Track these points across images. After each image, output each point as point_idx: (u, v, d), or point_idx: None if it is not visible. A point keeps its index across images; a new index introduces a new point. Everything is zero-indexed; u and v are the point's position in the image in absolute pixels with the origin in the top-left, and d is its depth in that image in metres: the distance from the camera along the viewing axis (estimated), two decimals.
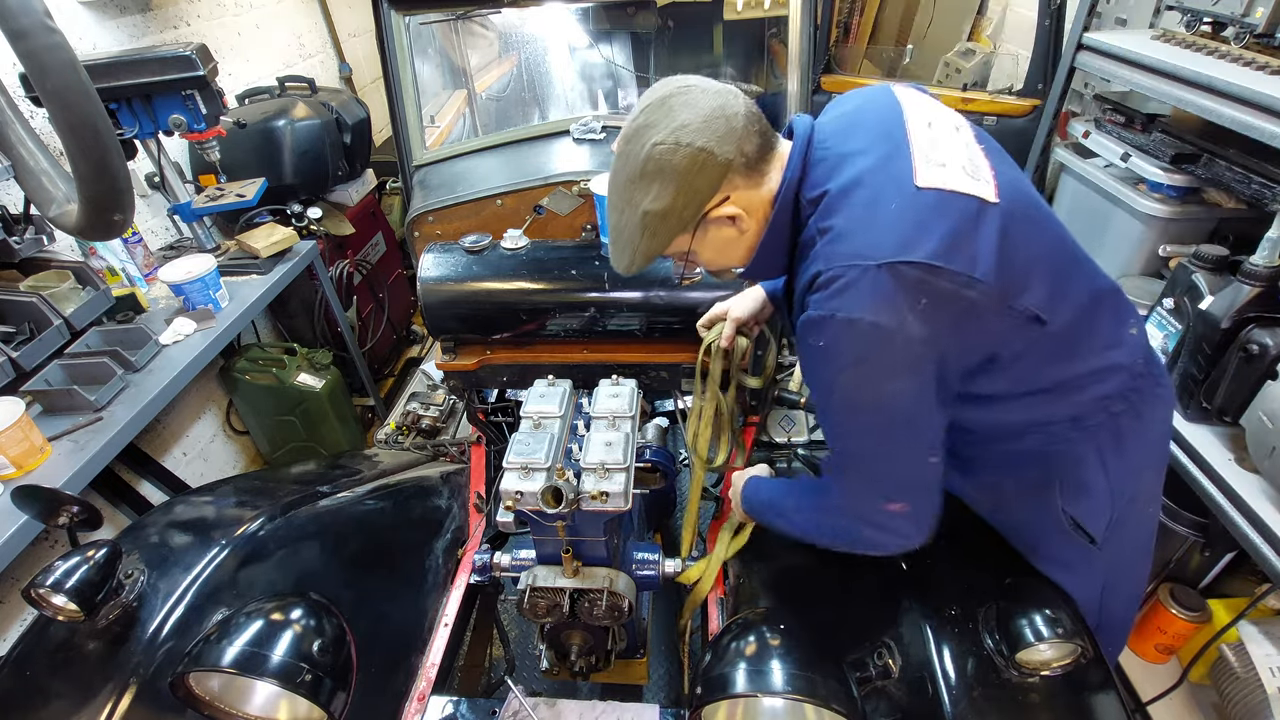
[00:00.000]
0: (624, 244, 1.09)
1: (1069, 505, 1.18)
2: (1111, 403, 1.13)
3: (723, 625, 1.40)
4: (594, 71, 3.38)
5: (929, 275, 0.92)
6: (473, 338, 1.68)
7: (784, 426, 2.25)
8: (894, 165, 0.99)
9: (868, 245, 0.95)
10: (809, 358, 1.05)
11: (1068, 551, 1.22)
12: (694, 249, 1.11)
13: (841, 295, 0.95)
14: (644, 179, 1.01)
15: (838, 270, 0.95)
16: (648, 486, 1.67)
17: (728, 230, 1.09)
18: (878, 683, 1.07)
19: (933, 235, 0.93)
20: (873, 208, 0.98)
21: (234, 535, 1.28)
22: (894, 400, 1.01)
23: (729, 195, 1.04)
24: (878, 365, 0.98)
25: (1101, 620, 1.30)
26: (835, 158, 1.04)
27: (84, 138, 1.31)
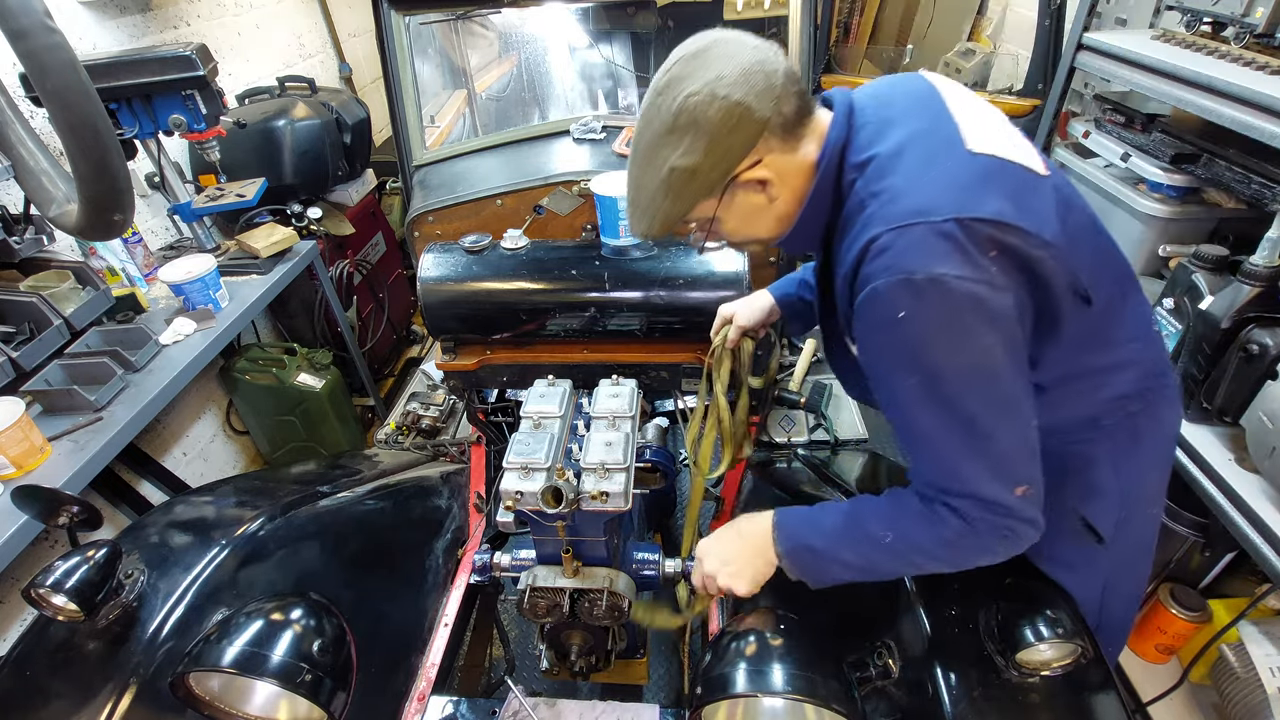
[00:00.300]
0: (644, 206, 1.02)
1: (1080, 505, 1.17)
2: (1129, 402, 1.12)
3: (723, 625, 1.40)
4: (594, 71, 3.39)
5: (1000, 232, 0.87)
6: (473, 338, 1.68)
7: (784, 426, 2.25)
8: (942, 131, 0.95)
9: (929, 202, 0.88)
10: (885, 337, 0.93)
11: (1072, 551, 1.22)
12: (719, 216, 1.04)
13: (909, 255, 0.87)
14: (673, 133, 0.94)
15: (898, 230, 0.88)
16: (648, 486, 1.67)
17: (756, 197, 1.02)
18: (878, 683, 1.07)
19: (996, 194, 0.88)
20: (928, 167, 0.92)
21: (234, 535, 1.28)
22: (996, 359, 0.91)
23: (761, 158, 0.97)
24: (973, 322, 0.88)
25: (1102, 620, 1.30)
26: (878, 123, 0.98)
27: (84, 138, 1.31)
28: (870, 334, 0.96)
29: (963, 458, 0.95)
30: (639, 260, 1.55)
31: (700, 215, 1.03)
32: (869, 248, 0.90)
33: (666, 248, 1.57)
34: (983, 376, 0.92)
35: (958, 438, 0.95)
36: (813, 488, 1.73)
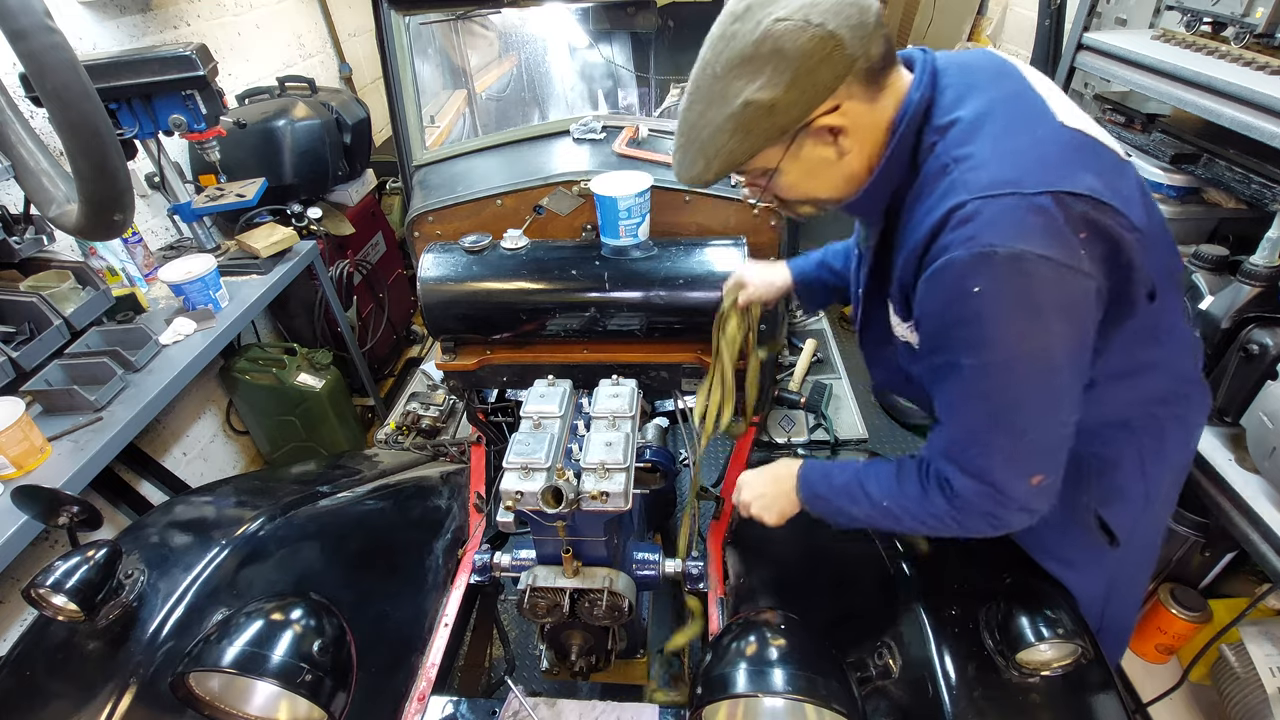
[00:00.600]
0: (700, 147, 0.93)
1: (1100, 505, 1.16)
2: (1160, 405, 1.10)
3: (723, 625, 1.40)
4: (594, 71, 3.38)
5: (1093, 210, 0.82)
6: (473, 338, 1.68)
7: (784, 426, 2.25)
8: (1029, 100, 0.90)
9: (1020, 172, 0.83)
10: (953, 312, 0.88)
11: (1081, 551, 1.21)
12: (781, 167, 0.95)
13: (995, 227, 0.81)
14: (752, 62, 0.85)
15: (986, 199, 0.82)
16: (648, 486, 1.67)
17: (826, 150, 0.93)
18: (878, 683, 1.07)
19: (1089, 170, 0.84)
20: (1017, 135, 0.86)
21: (234, 535, 1.28)
22: (1060, 350, 0.88)
23: (840, 104, 0.88)
24: (1049, 307, 0.85)
25: (1104, 622, 1.29)
26: (962, 86, 0.92)
27: (84, 138, 1.31)
28: (937, 306, 0.91)
29: (990, 441, 0.94)
30: (639, 260, 1.55)
31: (762, 164, 0.95)
32: (950, 215, 0.85)
33: (666, 247, 1.57)
34: (1042, 367, 0.89)
35: (995, 421, 0.93)
36: None
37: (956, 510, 0.99)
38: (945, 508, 1.00)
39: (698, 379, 1.65)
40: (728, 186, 1.68)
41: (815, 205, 1.05)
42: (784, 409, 2.35)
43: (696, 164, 0.95)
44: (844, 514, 1.12)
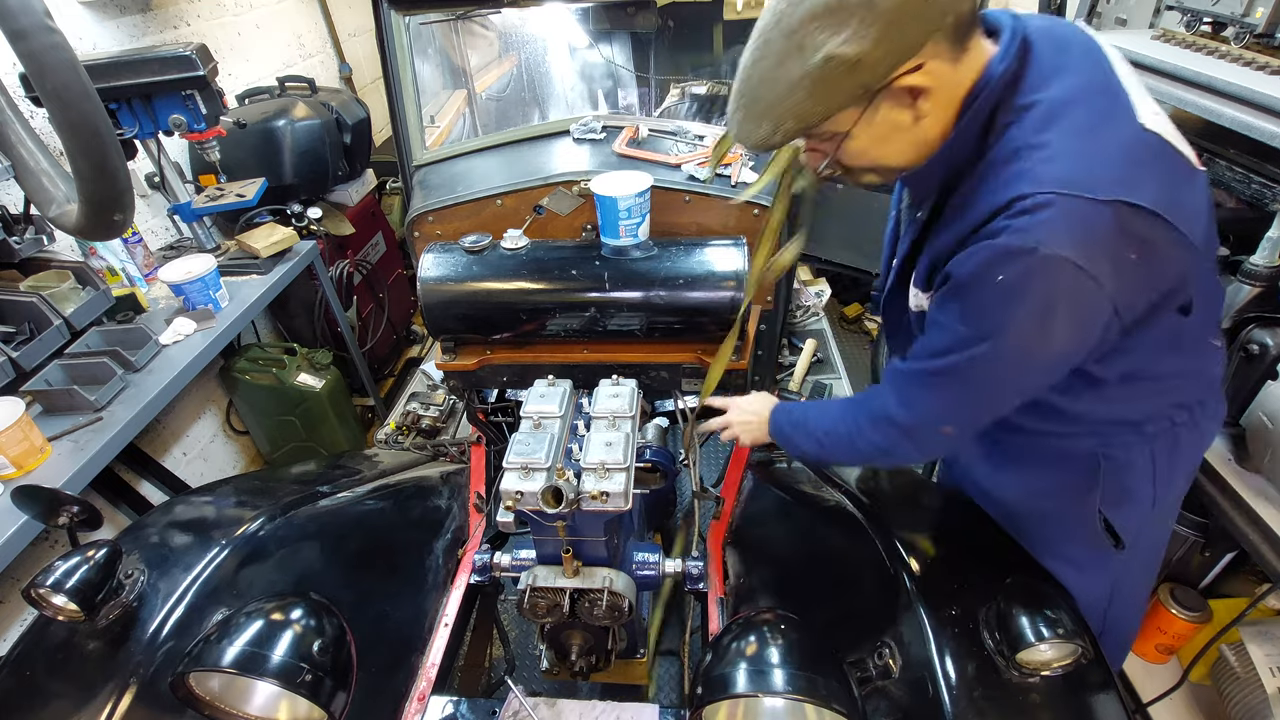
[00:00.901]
0: (767, 107, 0.87)
1: (1108, 508, 1.16)
2: (1178, 412, 1.11)
3: (723, 625, 1.40)
4: (594, 71, 3.38)
5: (1151, 225, 0.81)
6: (473, 338, 1.68)
7: None
8: (1112, 95, 0.88)
9: (1089, 174, 0.81)
10: (979, 290, 0.89)
11: (1086, 552, 1.21)
12: (854, 131, 0.89)
13: (1050, 227, 0.81)
14: (837, 13, 0.78)
15: (1051, 197, 0.80)
16: (648, 486, 1.67)
17: (902, 114, 0.88)
18: (878, 683, 1.07)
19: (1159, 181, 0.83)
20: (1094, 134, 0.84)
21: (234, 535, 1.28)
22: (1051, 348, 0.91)
23: (924, 63, 0.83)
24: (1063, 313, 0.86)
25: (1107, 626, 1.29)
26: (1051, 65, 0.88)
27: (84, 138, 1.31)
28: (962, 274, 0.90)
29: (941, 385, 1.02)
30: (639, 260, 1.55)
31: (834, 127, 0.89)
32: (1013, 204, 0.83)
33: (666, 247, 1.57)
34: (1024, 362, 0.93)
35: (954, 374, 0.99)
36: (813, 487, 1.72)
37: (894, 428, 1.09)
38: (886, 431, 1.10)
39: (698, 379, 1.65)
40: (727, 187, 1.68)
41: (880, 174, 1.01)
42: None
43: (761, 127, 0.88)
44: (796, 448, 1.31)
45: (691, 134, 1.93)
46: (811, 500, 1.68)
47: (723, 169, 1.73)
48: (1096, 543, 1.20)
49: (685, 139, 1.90)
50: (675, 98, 2.89)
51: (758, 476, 1.88)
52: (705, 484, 1.75)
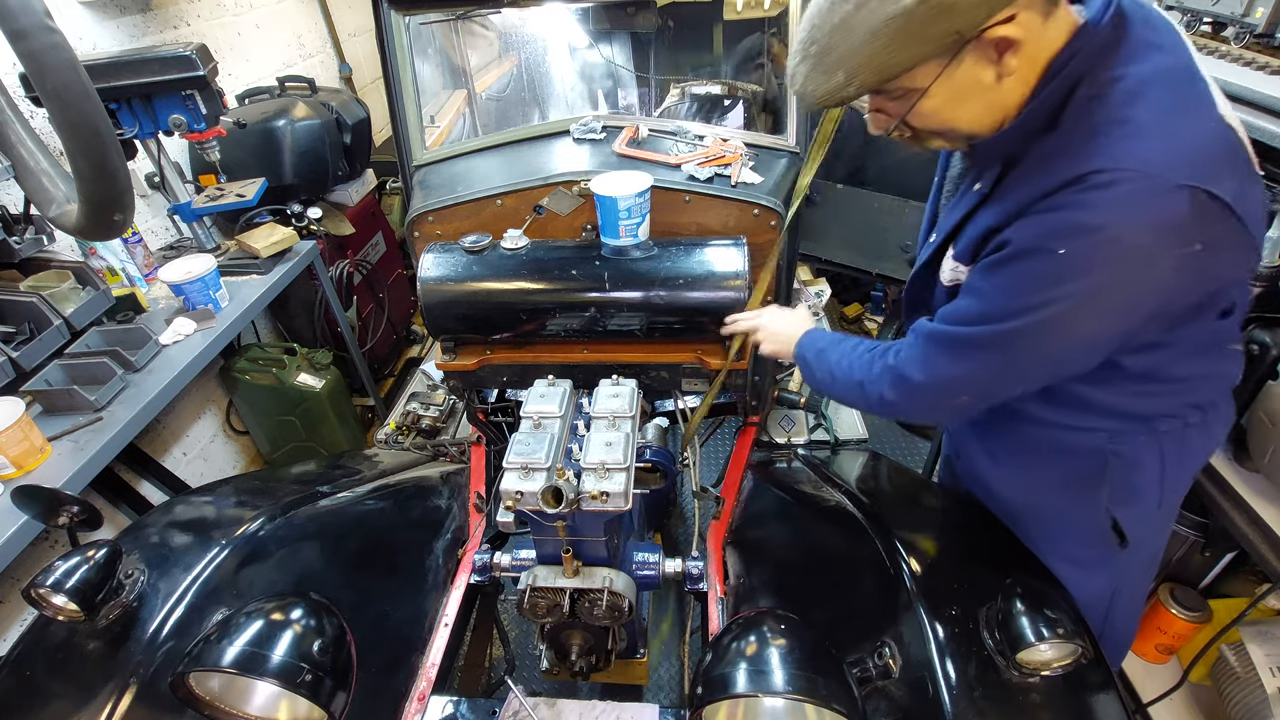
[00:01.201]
0: (842, 56, 0.81)
1: (1115, 506, 1.16)
2: (1192, 413, 1.10)
3: (723, 625, 1.40)
4: (594, 71, 3.38)
5: (1223, 219, 0.79)
6: (473, 338, 1.68)
7: (784, 426, 2.25)
8: (1195, 81, 0.85)
9: (1171, 157, 0.78)
10: (1036, 260, 0.85)
11: (1089, 550, 1.21)
12: (932, 89, 0.84)
13: (1124, 205, 0.78)
14: None
15: (1129, 174, 0.77)
16: (648, 486, 1.67)
17: (985, 70, 0.83)
18: (878, 683, 1.07)
19: (1232, 176, 0.80)
20: (1179, 117, 0.81)
21: (234, 535, 1.28)
22: (1095, 329, 0.88)
23: (1017, 14, 0.78)
24: (1118, 295, 0.84)
25: (1106, 627, 1.29)
26: (1140, 41, 0.84)
27: (84, 138, 1.31)
28: (1018, 250, 0.87)
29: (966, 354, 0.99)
30: (639, 260, 1.55)
31: (911, 82, 0.84)
32: (1088, 177, 0.79)
33: (666, 247, 1.57)
34: (1065, 340, 0.91)
35: (981, 355, 0.97)
36: (813, 488, 1.73)
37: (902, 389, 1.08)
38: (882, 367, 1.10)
39: (698, 379, 1.65)
40: (727, 187, 1.68)
41: (948, 139, 0.96)
42: (784, 409, 2.35)
43: (833, 77, 0.82)
44: (810, 374, 1.31)
45: (691, 134, 1.93)
46: (811, 500, 1.68)
47: (723, 169, 1.73)
48: (1101, 541, 1.19)
49: (685, 139, 1.90)
50: (675, 98, 2.89)
51: (758, 476, 1.88)
52: (705, 484, 1.75)
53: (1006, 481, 1.30)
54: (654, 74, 3.14)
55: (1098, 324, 0.89)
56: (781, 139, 1.92)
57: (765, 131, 2.14)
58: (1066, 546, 1.23)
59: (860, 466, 1.84)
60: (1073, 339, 0.92)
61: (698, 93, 2.84)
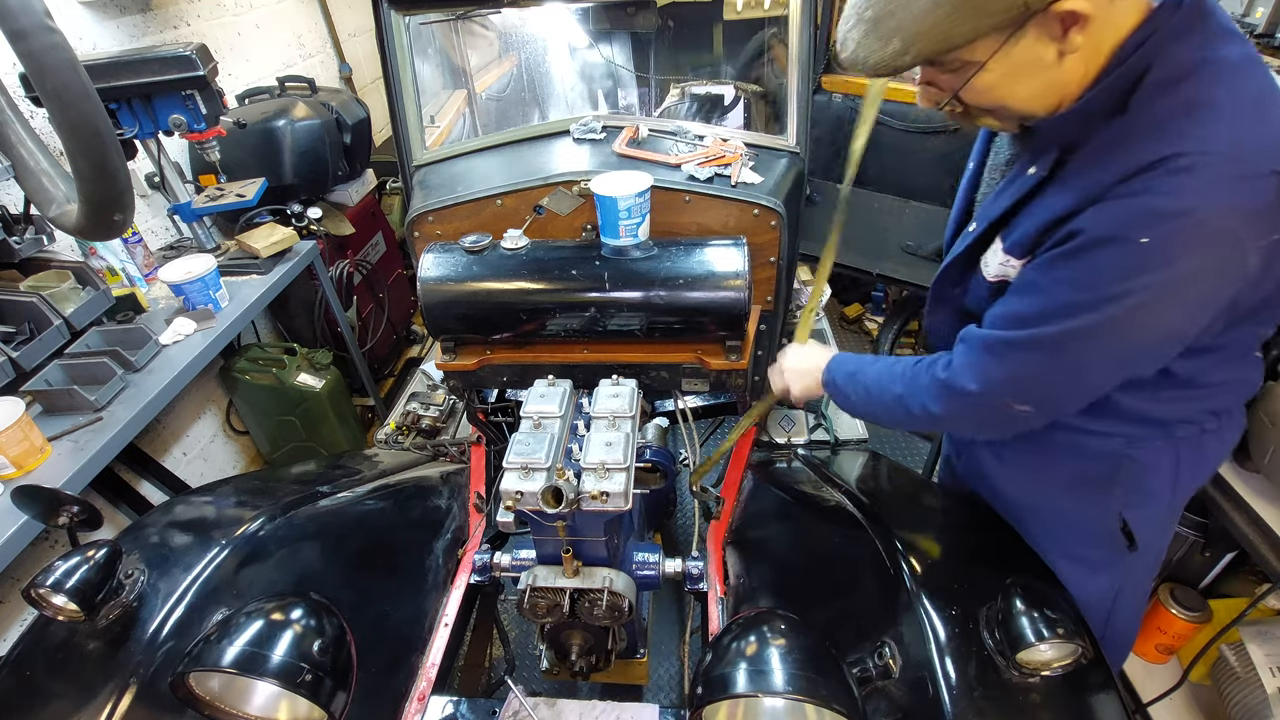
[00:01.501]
0: (900, 23, 0.78)
1: (1127, 509, 1.15)
2: (1209, 419, 1.09)
3: (723, 625, 1.40)
4: (594, 71, 3.38)
5: None
6: (473, 338, 1.68)
7: (784, 426, 2.25)
8: (1270, 72, 0.83)
9: (1259, 142, 0.76)
10: (1113, 250, 0.81)
11: (1096, 552, 1.20)
12: (990, 64, 0.81)
13: (1210, 190, 0.75)
14: None
15: (1214, 159, 0.75)
16: (648, 486, 1.67)
17: (1047, 47, 0.80)
18: (878, 683, 1.07)
19: None
20: (1265, 104, 0.78)
21: (234, 535, 1.28)
22: (1173, 323, 0.84)
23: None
24: (1203, 286, 0.81)
25: (1109, 627, 1.28)
26: (1220, 27, 0.81)
27: (84, 138, 1.31)
28: (1091, 240, 0.82)
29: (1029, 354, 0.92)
30: (639, 260, 1.55)
31: (968, 56, 0.81)
32: (1166, 161, 0.76)
33: (666, 247, 1.57)
34: (1140, 336, 0.86)
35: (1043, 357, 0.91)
36: (812, 488, 1.73)
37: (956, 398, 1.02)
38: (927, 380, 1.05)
39: (698, 379, 1.65)
40: (727, 187, 1.68)
41: (1000, 118, 0.93)
42: (784, 409, 2.35)
43: (889, 44, 0.79)
44: (845, 400, 1.26)
45: (691, 134, 1.93)
46: (811, 500, 1.68)
47: (723, 169, 1.73)
48: (1108, 543, 1.18)
49: (685, 139, 1.90)
50: (675, 98, 2.89)
51: (758, 476, 1.88)
52: (705, 484, 1.75)
53: (1013, 481, 1.29)
54: (654, 74, 3.14)
55: (1177, 318, 0.85)
56: (781, 139, 1.92)
57: (765, 131, 2.14)
58: (1072, 546, 1.21)
59: (860, 466, 1.84)
60: (1148, 336, 0.87)
61: (698, 93, 2.84)
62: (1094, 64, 0.84)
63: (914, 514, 1.50)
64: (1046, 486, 1.24)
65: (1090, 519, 1.19)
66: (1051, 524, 1.24)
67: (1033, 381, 0.96)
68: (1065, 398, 0.99)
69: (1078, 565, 1.21)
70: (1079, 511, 1.20)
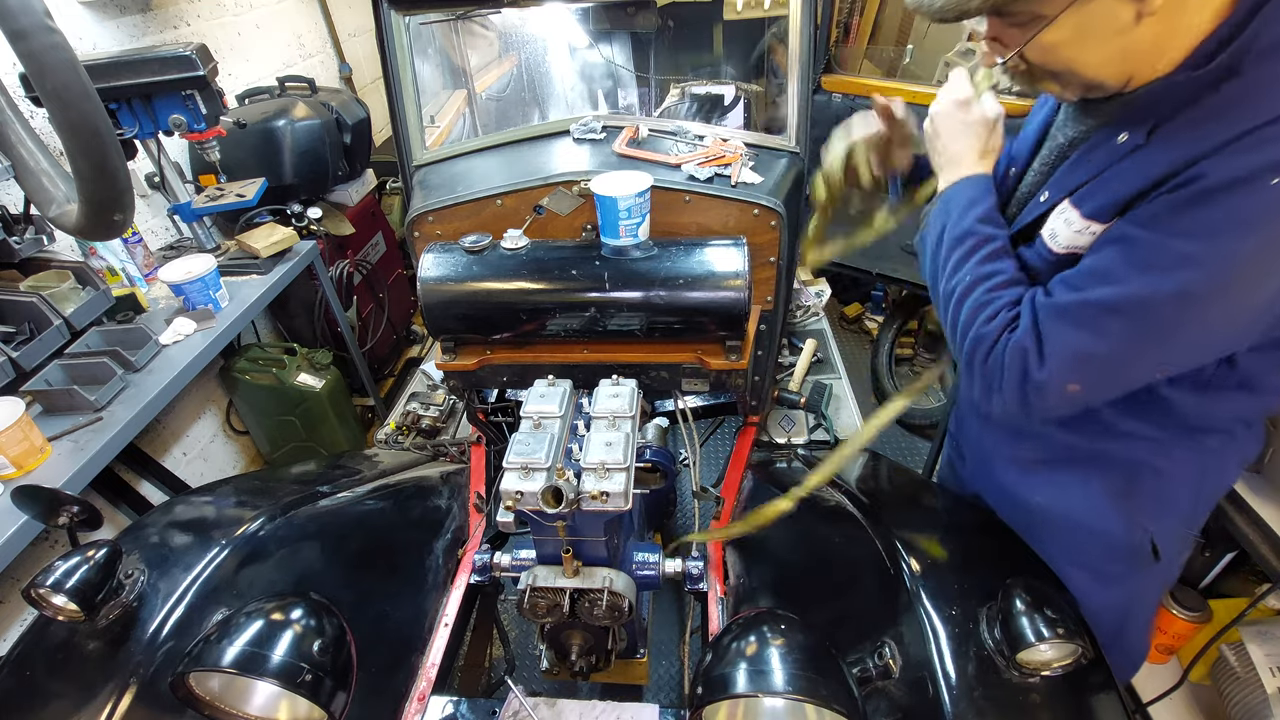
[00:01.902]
0: None
1: (1151, 520, 1.12)
2: (1238, 426, 1.06)
3: (723, 625, 1.41)
4: (594, 71, 3.38)
5: None
6: (473, 338, 1.68)
7: (784, 426, 2.25)
8: None
9: None
10: (1239, 195, 0.76)
11: (1117, 565, 1.17)
12: (1061, 19, 0.78)
13: None
14: None
15: None
16: (648, 486, 1.67)
17: (1124, 7, 0.76)
18: (878, 683, 1.07)
19: None
20: None
21: (234, 535, 1.28)
22: (1260, 298, 0.80)
23: None
24: None
25: (1122, 639, 1.26)
26: None
27: (84, 138, 1.31)
28: (1214, 185, 0.77)
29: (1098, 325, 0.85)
30: (639, 260, 1.55)
31: (1039, 8, 0.78)
32: (1267, 127, 0.73)
33: (666, 247, 1.57)
34: (1243, 293, 0.80)
35: (1122, 324, 0.83)
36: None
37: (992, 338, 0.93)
38: (987, 327, 0.94)
39: (698, 379, 1.65)
40: (727, 187, 1.68)
41: (1063, 84, 0.88)
42: (784, 409, 2.35)
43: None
44: (937, 232, 1.07)
45: (691, 134, 1.93)
46: (811, 500, 1.68)
47: (723, 169, 1.73)
48: (1128, 556, 1.15)
49: (685, 139, 1.90)
50: (675, 98, 2.89)
51: (758, 476, 1.88)
52: (705, 484, 1.75)
53: (1032, 488, 1.23)
54: (654, 74, 3.14)
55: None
56: (781, 139, 1.93)
57: (765, 131, 2.14)
58: (1089, 558, 1.18)
59: (860, 466, 1.84)
60: (1254, 299, 0.81)
61: (698, 93, 2.84)
62: (1172, 36, 0.80)
63: (914, 514, 1.50)
64: (1067, 495, 1.19)
65: (1111, 530, 1.15)
66: (1069, 534, 1.20)
67: (1102, 353, 0.87)
68: (1128, 374, 0.91)
69: (1093, 577, 1.17)
70: (1100, 522, 1.16)
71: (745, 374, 1.63)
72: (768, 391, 2.12)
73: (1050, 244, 0.97)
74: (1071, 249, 0.95)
